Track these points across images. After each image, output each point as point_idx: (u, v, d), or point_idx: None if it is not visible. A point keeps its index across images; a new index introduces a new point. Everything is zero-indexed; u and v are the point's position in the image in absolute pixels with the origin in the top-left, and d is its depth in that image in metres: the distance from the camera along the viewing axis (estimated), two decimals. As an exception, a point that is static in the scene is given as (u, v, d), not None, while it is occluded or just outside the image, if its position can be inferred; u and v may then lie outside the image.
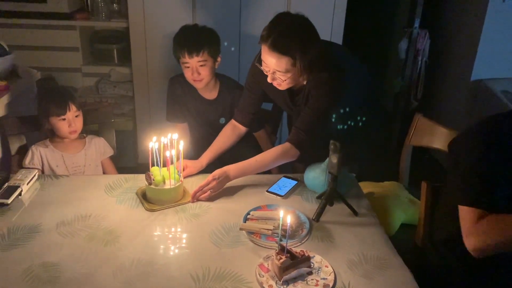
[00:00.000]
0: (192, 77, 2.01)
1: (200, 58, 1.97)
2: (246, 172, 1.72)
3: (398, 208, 1.92)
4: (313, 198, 1.65)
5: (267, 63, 1.60)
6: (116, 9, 3.11)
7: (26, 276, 1.21)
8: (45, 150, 1.95)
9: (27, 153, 1.93)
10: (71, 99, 1.93)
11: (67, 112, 1.91)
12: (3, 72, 2.27)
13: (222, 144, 1.90)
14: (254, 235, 1.40)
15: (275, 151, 1.74)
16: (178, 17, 2.82)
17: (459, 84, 3.30)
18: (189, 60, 1.97)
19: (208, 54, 1.99)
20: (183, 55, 1.97)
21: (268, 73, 1.63)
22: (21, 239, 1.36)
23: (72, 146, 2.00)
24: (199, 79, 2.02)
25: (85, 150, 2.01)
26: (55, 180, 1.72)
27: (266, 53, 1.58)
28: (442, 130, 1.98)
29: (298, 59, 1.55)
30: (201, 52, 1.96)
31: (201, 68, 1.99)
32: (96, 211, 1.52)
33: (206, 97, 2.13)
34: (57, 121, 1.92)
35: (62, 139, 1.98)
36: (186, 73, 2.02)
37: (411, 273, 1.28)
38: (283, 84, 1.66)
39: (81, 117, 1.98)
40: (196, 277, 1.23)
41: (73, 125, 1.93)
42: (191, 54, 1.96)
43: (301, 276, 1.24)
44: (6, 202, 1.51)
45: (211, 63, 2.02)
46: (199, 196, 1.61)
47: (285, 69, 1.58)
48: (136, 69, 2.99)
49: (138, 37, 2.90)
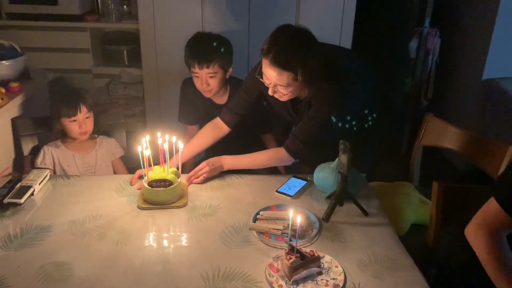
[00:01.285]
0: (201, 87, 2.01)
1: (210, 70, 1.95)
2: (239, 165, 1.78)
3: (409, 208, 1.91)
4: (322, 198, 1.65)
5: (268, 77, 1.60)
6: (126, 11, 3.13)
7: (39, 275, 1.23)
8: (57, 151, 1.96)
9: (39, 154, 1.94)
10: (82, 100, 1.93)
11: (78, 113, 1.91)
12: (15, 73, 2.30)
13: (196, 147, 1.91)
14: (264, 235, 1.40)
15: (269, 153, 1.82)
16: (188, 18, 2.83)
17: (470, 83, 3.27)
18: (199, 71, 1.95)
19: (219, 66, 1.96)
20: (193, 66, 1.95)
21: (269, 85, 1.62)
22: (33, 239, 1.38)
23: (83, 146, 2.01)
24: (208, 89, 2.01)
25: (96, 151, 2.02)
26: (66, 180, 1.74)
27: (267, 67, 1.57)
28: (453, 129, 1.96)
29: (300, 73, 1.54)
30: (212, 65, 1.94)
31: (210, 79, 1.97)
32: (107, 211, 1.54)
33: (217, 101, 2.13)
34: (68, 123, 1.92)
35: (73, 140, 1.99)
36: (196, 81, 2.01)
37: (422, 274, 1.27)
38: (284, 97, 1.65)
39: (92, 118, 1.98)
40: (206, 276, 1.24)
41: (83, 127, 1.94)
42: (201, 66, 1.93)
43: (311, 276, 1.24)
44: (19, 202, 1.53)
45: (221, 75, 2.00)
46: (193, 180, 1.71)
47: (287, 83, 1.58)
48: (146, 70, 3.01)
49: (148, 39, 2.92)
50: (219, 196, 1.65)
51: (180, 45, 2.06)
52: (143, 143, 1.57)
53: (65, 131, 1.96)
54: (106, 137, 2.10)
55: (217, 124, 1.93)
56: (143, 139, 1.59)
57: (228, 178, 1.77)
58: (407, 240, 1.48)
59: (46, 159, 1.93)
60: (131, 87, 3.16)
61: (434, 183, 1.59)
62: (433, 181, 1.60)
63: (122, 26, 3.11)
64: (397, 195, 1.98)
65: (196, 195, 1.65)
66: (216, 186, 1.71)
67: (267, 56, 1.54)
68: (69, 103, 1.91)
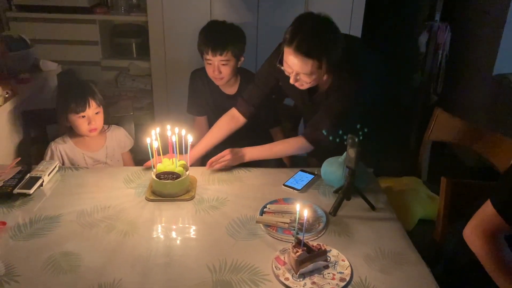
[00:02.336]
0: (213, 74, 2.01)
1: (223, 58, 1.95)
2: (260, 156, 1.80)
3: (417, 204, 1.90)
4: (330, 192, 1.65)
5: (290, 65, 1.58)
6: (135, 3, 3.14)
7: (47, 265, 1.24)
8: (64, 147, 1.88)
9: (46, 151, 1.87)
10: (91, 95, 1.83)
11: (87, 109, 1.81)
12: (25, 65, 2.32)
13: (214, 139, 1.92)
14: (271, 228, 1.41)
15: (288, 143, 1.83)
16: (196, 11, 2.83)
17: (481, 78, 3.23)
18: (212, 58, 1.96)
19: (232, 54, 1.96)
20: (207, 52, 1.95)
21: (291, 74, 1.61)
22: (42, 229, 1.40)
23: (93, 142, 1.93)
24: (220, 77, 2.01)
25: (107, 147, 1.95)
26: (75, 172, 1.75)
27: (291, 56, 1.55)
28: (463, 125, 1.95)
29: (324, 62, 1.53)
30: (225, 52, 1.94)
31: (222, 67, 1.98)
32: (115, 202, 1.55)
33: (227, 92, 2.14)
34: (76, 119, 1.82)
35: (82, 136, 1.90)
36: (208, 69, 2.02)
37: (429, 269, 1.26)
38: (306, 85, 1.64)
39: (102, 114, 1.88)
40: (212, 268, 1.24)
41: (93, 123, 1.83)
42: (215, 53, 1.94)
43: (317, 270, 1.24)
44: (28, 193, 1.55)
45: (233, 63, 2.00)
46: (214, 165, 1.75)
47: (310, 72, 1.56)
48: (155, 63, 3.01)
49: (156, 31, 2.92)
50: (226, 189, 1.65)
51: (189, 37, 2.06)
52: (152, 135, 1.58)
53: (73, 128, 1.87)
54: (116, 126, 2.02)
55: (233, 115, 1.94)
56: (152, 131, 1.59)
57: (235, 171, 1.77)
58: (414, 235, 1.47)
59: (54, 158, 1.86)
60: (139, 79, 3.17)
61: (443, 178, 1.58)
62: (441, 177, 1.59)
63: (131, 19, 3.11)
64: (405, 190, 1.97)
65: (203, 188, 1.65)
66: (223, 179, 1.72)
67: (290, 45, 1.53)
68: (77, 98, 1.80)
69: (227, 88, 2.13)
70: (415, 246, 1.36)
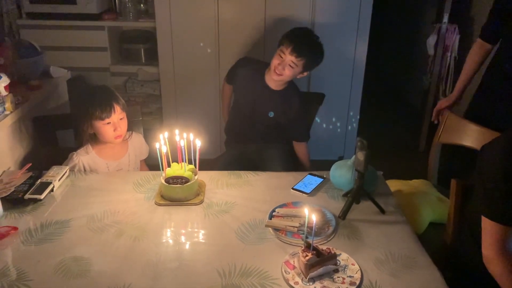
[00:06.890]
0: (276, 67, 2.01)
1: (295, 60, 1.97)
2: None
3: (427, 206, 1.89)
4: (339, 196, 1.64)
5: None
6: (143, 9, 3.17)
7: (58, 270, 1.25)
8: (87, 158, 1.81)
9: (67, 161, 1.80)
10: (115, 100, 1.76)
11: (112, 114, 1.73)
12: (36, 72, 2.35)
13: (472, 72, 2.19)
14: (280, 232, 1.41)
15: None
16: (204, 16, 2.84)
17: (490, 80, 3.20)
18: (286, 55, 1.97)
19: (303, 63, 1.99)
20: (286, 47, 1.97)
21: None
22: (53, 234, 1.41)
23: (116, 151, 1.87)
24: (279, 73, 2.02)
25: (129, 155, 1.90)
26: (85, 177, 1.76)
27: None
28: (472, 127, 1.93)
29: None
30: (300, 58, 1.97)
31: (288, 67, 1.99)
32: (125, 207, 1.55)
33: (271, 86, 2.13)
34: (101, 125, 1.74)
35: (105, 144, 1.83)
36: (274, 59, 2.02)
37: (440, 273, 1.25)
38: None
39: (126, 119, 1.81)
40: (222, 273, 1.24)
41: (118, 129, 1.76)
42: (293, 52, 1.96)
43: (327, 274, 1.23)
44: (39, 198, 1.56)
45: (298, 70, 2.02)
46: None
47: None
48: (163, 68, 3.03)
49: (164, 37, 2.94)
50: (235, 193, 1.65)
51: (196, 43, 2.07)
52: (161, 140, 1.58)
53: (97, 135, 1.79)
54: (136, 133, 1.97)
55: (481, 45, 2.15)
56: (161, 136, 1.59)
57: (244, 175, 1.78)
58: (425, 238, 1.47)
59: (75, 169, 1.80)
60: (148, 85, 3.19)
61: (453, 181, 1.57)
62: (452, 179, 1.57)
63: (139, 25, 3.14)
64: (414, 193, 1.96)
65: (212, 192, 1.66)
66: (232, 183, 1.72)
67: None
68: (102, 104, 1.73)
69: (275, 83, 2.12)
70: (425, 249, 1.35)
